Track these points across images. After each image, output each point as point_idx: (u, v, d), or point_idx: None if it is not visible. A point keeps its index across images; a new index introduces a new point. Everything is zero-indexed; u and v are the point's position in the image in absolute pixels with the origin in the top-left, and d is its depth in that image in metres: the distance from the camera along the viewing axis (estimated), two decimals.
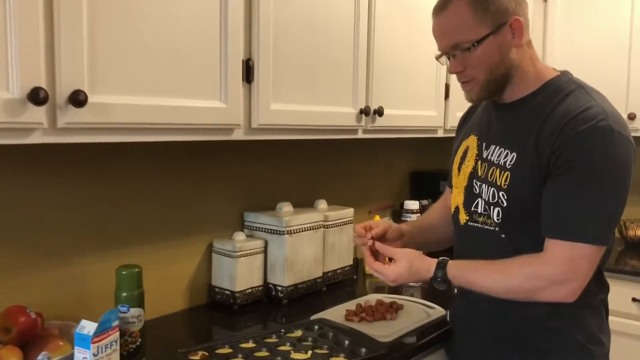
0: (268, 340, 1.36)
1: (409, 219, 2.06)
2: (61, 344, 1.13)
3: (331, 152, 2.10)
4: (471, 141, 1.33)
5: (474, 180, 1.28)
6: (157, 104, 1.16)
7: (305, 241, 1.73)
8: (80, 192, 1.41)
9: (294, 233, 1.70)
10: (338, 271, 1.89)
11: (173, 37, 1.18)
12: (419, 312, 1.58)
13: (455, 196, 1.35)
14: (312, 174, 2.04)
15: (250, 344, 1.33)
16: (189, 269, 1.67)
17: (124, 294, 1.16)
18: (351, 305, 1.61)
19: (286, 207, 1.77)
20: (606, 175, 1.10)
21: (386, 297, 1.70)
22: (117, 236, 1.49)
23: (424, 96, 1.92)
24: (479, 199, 1.27)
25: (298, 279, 1.72)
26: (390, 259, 1.27)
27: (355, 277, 1.96)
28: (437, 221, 1.50)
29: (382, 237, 1.35)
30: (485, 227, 1.25)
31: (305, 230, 1.74)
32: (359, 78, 1.64)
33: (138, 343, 1.16)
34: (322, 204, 1.90)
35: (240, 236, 1.67)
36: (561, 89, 1.19)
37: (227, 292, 1.64)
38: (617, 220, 1.15)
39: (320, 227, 1.79)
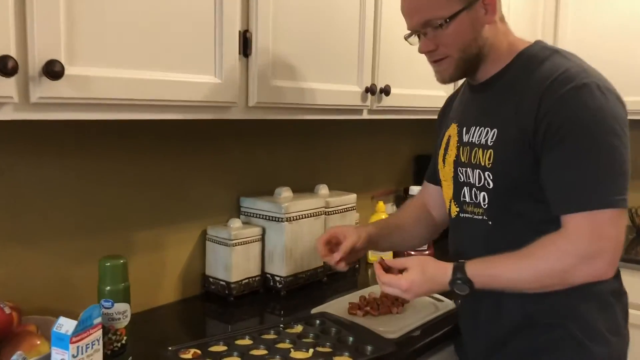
0: (266, 336, 1.25)
1: None
2: (38, 342, 1.03)
3: (333, 134, 1.99)
4: (452, 130, 1.26)
5: (459, 168, 1.21)
6: (143, 78, 1.04)
7: (305, 228, 1.63)
8: (61, 175, 1.30)
9: (293, 220, 1.59)
10: None
11: (162, 3, 1.06)
12: (427, 305, 1.48)
13: (445, 190, 1.28)
14: (313, 158, 1.93)
15: (247, 341, 1.23)
16: (181, 257, 1.56)
17: (108, 288, 1.05)
18: (354, 297, 1.52)
19: (285, 192, 1.67)
20: (602, 131, 1.02)
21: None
22: (102, 223, 1.38)
23: (432, 74, 1.79)
24: (465, 187, 1.20)
25: (298, 268, 1.61)
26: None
27: (357, 266, 1.86)
28: (408, 220, 1.42)
29: (352, 249, 1.26)
30: (474, 217, 1.18)
31: (305, 217, 1.63)
32: (364, 54, 1.52)
33: (123, 341, 1.06)
34: (323, 189, 1.79)
35: (236, 223, 1.57)
36: (535, 57, 1.13)
37: (222, 282, 1.54)
38: (627, 174, 1.05)
39: (321, 214, 1.69)
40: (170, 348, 1.16)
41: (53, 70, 0.90)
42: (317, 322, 1.34)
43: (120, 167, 1.40)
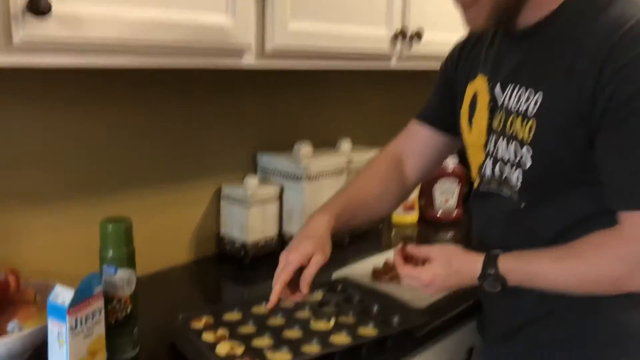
0: (284, 303, 1.16)
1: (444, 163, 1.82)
2: (36, 310, 0.95)
3: (356, 84, 1.84)
4: (480, 84, 1.03)
5: (491, 137, 1.00)
6: (143, 16, 0.91)
7: (326, 187, 1.51)
8: (61, 130, 1.19)
9: (313, 178, 1.48)
10: None
11: None
12: None
13: (473, 156, 1.07)
14: (335, 110, 1.79)
15: (263, 308, 1.13)
16: (194, 217, 1.46)
17: (110, 253, 0.95)
18: (378, 261, 1.41)
19: (305, 148, 1.54)
20: None
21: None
22: (109, 179, 1.28)
23: None
24: (490, 159, 1.01)
25: None
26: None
27: (380, 227, 1.75)
28: (374, 191, 1.15)
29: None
30: (502, 193, 1.00)
31: (326, 175, 1.51)
32: None
33: (128, 311, 0.97)
34: (345, 145, 1.67)
35: (252, 181, 1.46)
36: (594, 0, 0.89)
37: (237, 243, 1.44)
38: None
39: (343, 172, 1.57)
40: (180, 316, 1.08)
41: (38, 7, 0.78)
42: (339, 288, 1.24)
43: (125, 120, 1.29)
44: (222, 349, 0.97)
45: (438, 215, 1.82)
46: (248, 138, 1.55)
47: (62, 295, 0.86)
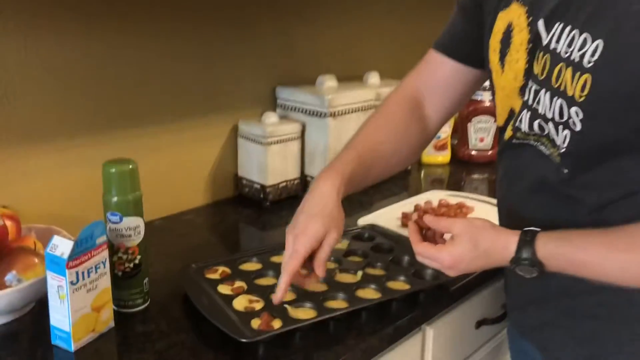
0: None
1: (479, 98, 1.67)
2: (36, 261, 0.87)
3: (387, 10, 1.67)
4: (515, 15, 0.82)
5: (530, 83, 0.80)
6: None
7: (352, 125, 1.39)
8: (61, 60, 1.08)
9: (338, 115, 1.35)
10: None
11: None
12: (494, 216, 1.26)
13: (501, 100, 0.88)
14: (362, 39, 1.64)
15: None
16: (209, 157, 1.36)
17: (115, 199, 0.86)
18: (407, 206, 1.31)
19: (329, 82, 1.41)
20: None
21: (450, 196, 1.38)
22: (116, 116, 1.18)
23: None
24: (528, 112, 0.81)
25: None
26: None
27: (409, 168, 1.63)
28: (390, 141, 0.97)
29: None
30: (540, 146, 0.81)
31: (352, 112, 1.39)
32: None
33: (137, 261, 0.88)
34: (373, 78, 1.53)
35: (271, 117, 1.34)
36: None
37: (256, 185, 1.35)
38: None
39: (370, 107, 1.44)
40: (194, 266, 0.99)
41: None
42: (366, 236, 1.15)
43: (134, 51, 1.17)
44: (239, 303, 0.88)
45: (472, 154, 1.70)
46: (266, 70, 1.42)
47: (61, 246, 0.77)
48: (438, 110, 1.01)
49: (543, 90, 0.77)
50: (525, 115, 0.82)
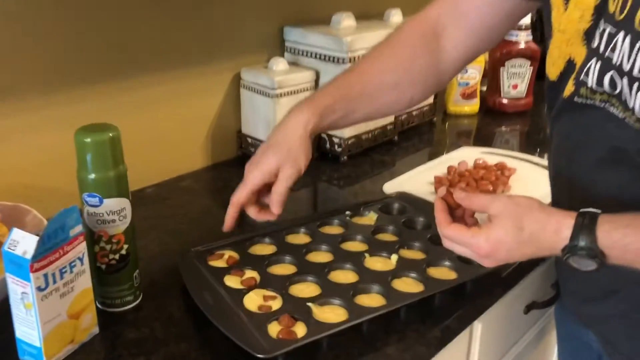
0: (327, 230, 0.90)
1: (514, 38, 1.46)
2: None
3: None
4: None
5: (602, 24, 0.64)
6: None
7: None
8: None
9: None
10: (414, 113, 1.37)
11: None
12: (541, 180, 1.09)
13: (558, 46, 0.70)
14: None
15: (301, 237, 0.88)
16: (208, 111, 1.17)
17: (92, 177, 0.68)
18: (439, 167, 1.13)
19: (346, 21, 1.20)
20: None
21: (487, 154, 1.20)
22: (96, 66, 0.98)
23: None
24: (598, 62, 0.64)
25: (362, 126, 1.21)
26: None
27: (434, 119, 1.44)
28: (395, 74, 0.81)
29: None
30: (609, 107, 0.65)
31: None
32: None
33: (123, 251, 0.71)
34: (395, 16, 1.31)
35: (279, 64, 1.14)
36: None
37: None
38: None
39: None
40: (193, 250, 0.82)
41: None
42: (396, 208, 0.97)
43: None
44: (252, 301, 0.72)
45: (504, 103, 1.51)
46: (272, 8, 1.21)
47: (23, 243, 0.60)
48: (458, 46, 0.82)
49: (621, 34, 0.61)
50: (595, 66, 0.64)
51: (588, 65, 0.65)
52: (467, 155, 1.17)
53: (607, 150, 0.66)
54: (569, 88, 0.69)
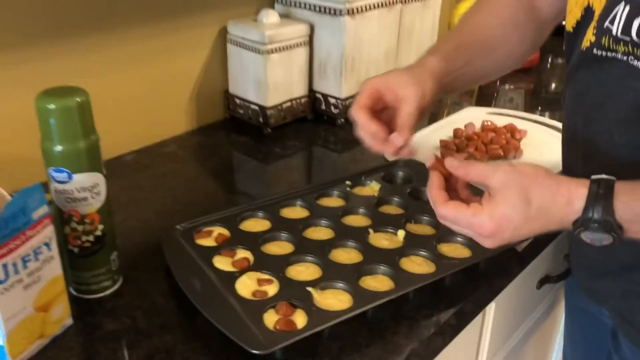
0: (326, 202, 0.82)
1: None
2: None
3: None
4: None
5: None
6: None
7: (373, 26, 1.09)
8: None
9: (356, 13, 1.05)
10: None
11: None
12: (555, 144, 1.01)
13: None
14: None
15: (297, 210, 0.80)
16: (191, 69, 1.07)
17: (59, 149, 0.59)
18: (444, 129, 1.05)
19: None
20: None
21: (492, 114, 1.12)
22: (63, 15, 0.87)
23: None
24: (625, 7, 0.57)
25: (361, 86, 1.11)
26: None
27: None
28: (498, 31, 0.77)
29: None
30: (634, 61, 0.58)
31: (373, 8, 1.08)
32: None
33: (98, 232, 0.63)
34: None
35: (270, 17, 1.03)
36: None
37: (253, 106, 1.07)
38: None
39: (396, 3, 1.13)
40: (179, 227, 0.74)
41: None
42: (400, 176, 0.89)
43: None
44: (245, 286, 0.64)
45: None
46: None
47: None
48: (552, 3, 0.76)
49: None
50: (622, 11, 0.57)
51: (615, 11, 0.58)
52: (473, 117, 1.09)
53: (629, 109, 0.59)
54: (588, 38, 0.62)
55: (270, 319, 0.60)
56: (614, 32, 0.58)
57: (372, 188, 0.85)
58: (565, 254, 0.92)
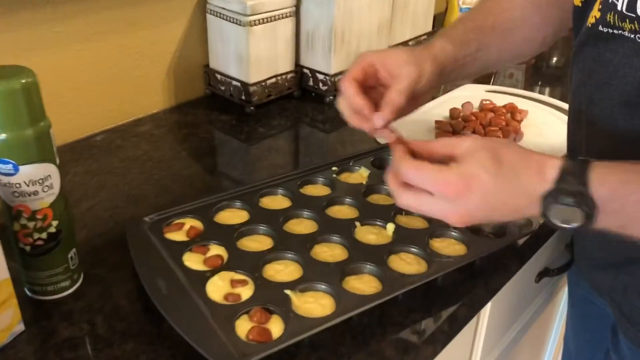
0: (310, 190, 0.76)
1: None
2: None
3: None
4: None
5: None
6: None
7: None
8: None
9: None
10: (412, 44, 1.19)
11: None
12: (558, 125, 0.94)
13: None
14: None
15: (279, 199, 0.73)
16: (167, 42, 0.99)
17: (2, 137, 0.52)
18: (440, 108, 0.98)
19: None
20: None
21: (491, 92, 1.05)
22: None
23: None
24: None
25: (352, 61, 1.04)
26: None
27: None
28: (515, 13, 0.71)
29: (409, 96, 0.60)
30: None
31: None
32: None
33: (52, 229, 0.56)
34: None
35: None
36: None
37: (235, 82, 0.99)
38: None
39: None
40: (147, 219, 0.68)
41: None
42: (391, 161, 0.82)
43: None
44: (217, 288, 0.58)
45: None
46: None
47: None
48: None
49: None
50: None
51: None
52: (471, 95, 1.02)
53: (634, 91, 0.55)
54: (594, 14, 0.57)
55: (243, 326, 0.54)
56: (619, 8, 0.53)
57: (360, 174, 0.79)
58: (566, 244, 0.86)
